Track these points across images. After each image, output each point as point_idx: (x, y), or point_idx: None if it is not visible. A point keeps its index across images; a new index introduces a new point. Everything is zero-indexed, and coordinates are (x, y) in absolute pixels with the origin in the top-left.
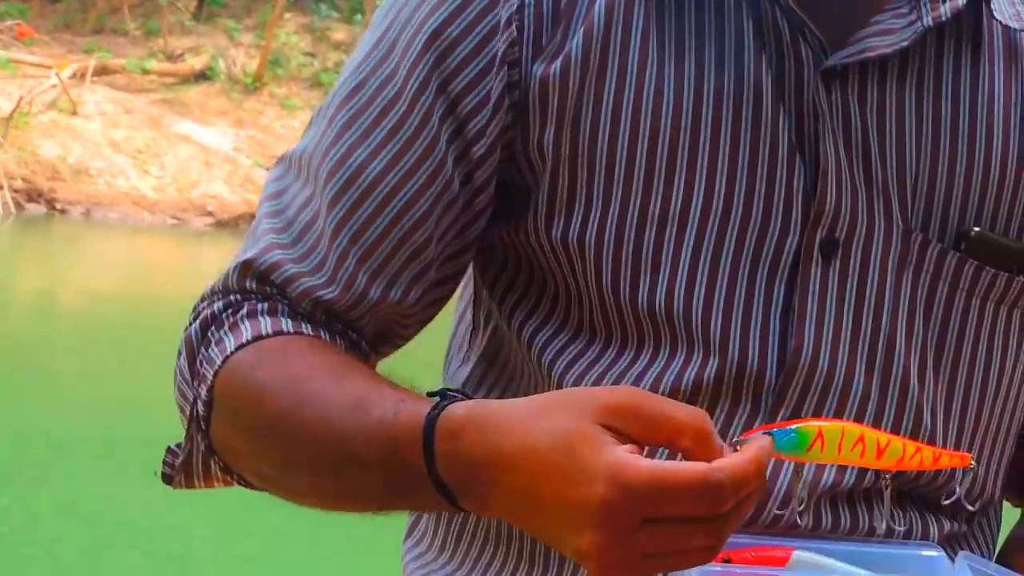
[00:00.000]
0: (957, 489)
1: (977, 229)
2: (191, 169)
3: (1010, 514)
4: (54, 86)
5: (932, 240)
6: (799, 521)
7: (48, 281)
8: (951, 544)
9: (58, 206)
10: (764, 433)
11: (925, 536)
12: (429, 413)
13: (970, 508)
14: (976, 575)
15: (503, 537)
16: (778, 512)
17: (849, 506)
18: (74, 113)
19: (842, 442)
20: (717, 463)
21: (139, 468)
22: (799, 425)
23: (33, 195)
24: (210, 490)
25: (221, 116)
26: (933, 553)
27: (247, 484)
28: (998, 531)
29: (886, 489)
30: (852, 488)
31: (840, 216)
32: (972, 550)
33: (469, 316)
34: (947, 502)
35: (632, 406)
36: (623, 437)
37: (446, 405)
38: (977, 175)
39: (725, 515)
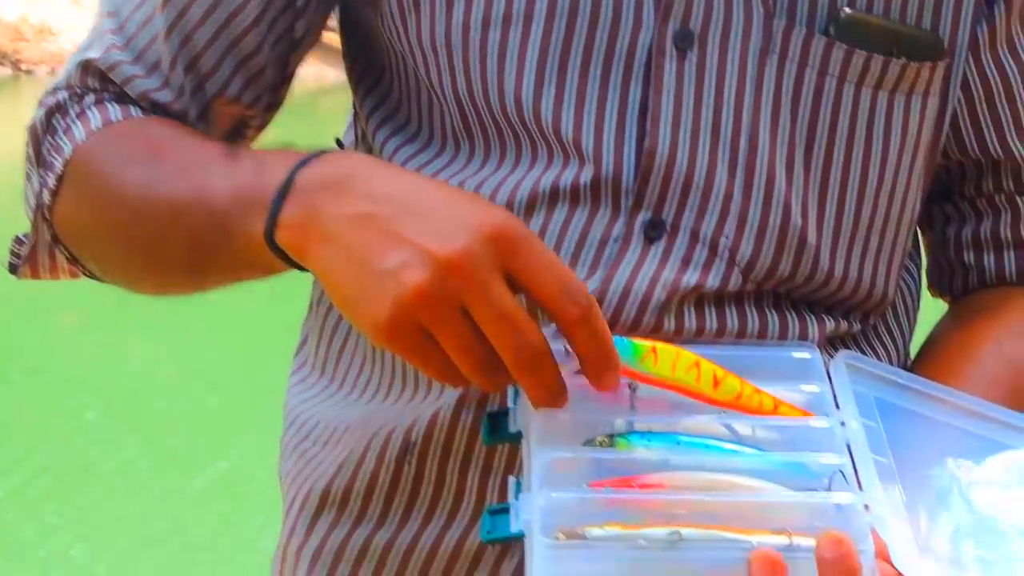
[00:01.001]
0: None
1: (848, 10)
2: None
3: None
4: None
5: (797, 26)
6: (663, 326)
7: (18, 142)
8: (840, 345)
9: (23, 67)
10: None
11: (804, 336)
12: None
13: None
14: (853, 373)
15: (379, 355)
16: (636, 318)
17: (716, 308)
18: None
19: (676, 362)
20: None
21: None
22: (638, 340)
23: None
24: None
25: None
26: (806, 355)
27: (91, 274)
28: (909, 330)
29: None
30: (718, 290)
31: (693, 5)
32: (868, 352)
33: (348, 133)
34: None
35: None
36: None
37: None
38: None
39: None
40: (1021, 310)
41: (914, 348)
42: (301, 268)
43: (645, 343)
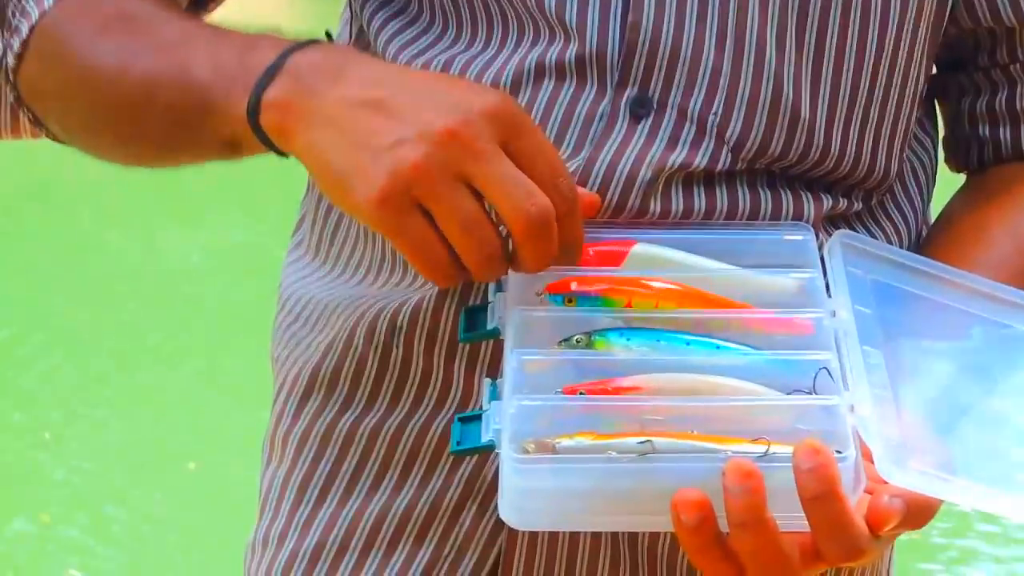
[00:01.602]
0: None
1: None
2: None
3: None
4: None
5: None
6: (649, 207)
7: None
8: (841, 225)
9: None
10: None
11: (799, 216)
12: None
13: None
14: (849, 254)
15: (372, 237)
16: (621, 199)
17: (705, 187)
18: None
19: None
20: None
21: None
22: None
23: None
24: None
25: None
26: (799, 237)
27: (54, 137)
28: (923, 208)
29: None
30: (707, 169)
31: None
32: (875, 232)
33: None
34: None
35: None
36: None
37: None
38: None
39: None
40: None
41: None
42: (278, 151)
43: (620, 298)
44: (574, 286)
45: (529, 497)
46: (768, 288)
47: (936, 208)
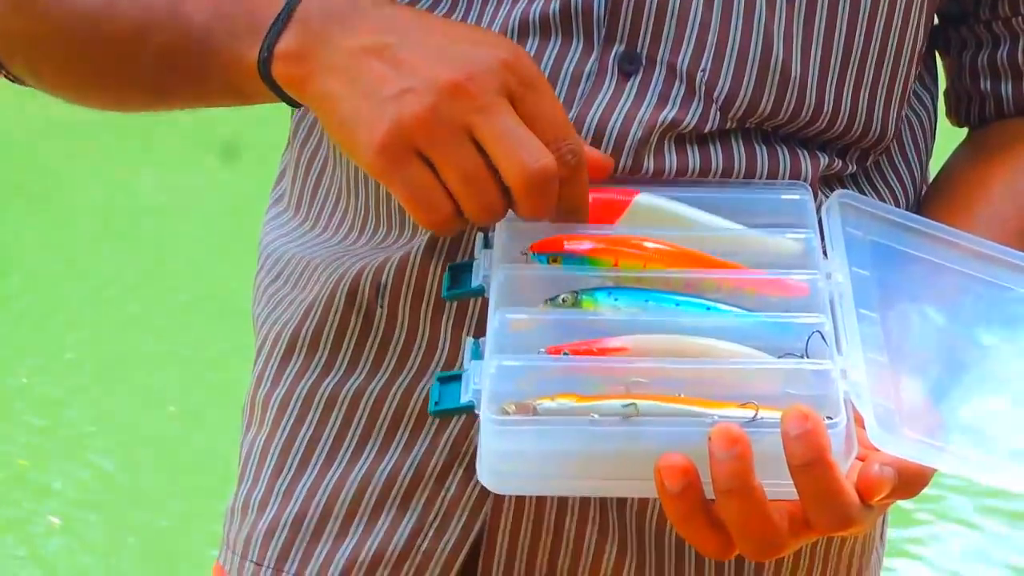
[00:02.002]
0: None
1: None
2: None
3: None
4: None
5: None
6: (642, 166)
7: None
8: (837, 185)
9: None
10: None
11: (796, 175)
12: None
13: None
14: (848, 215)
15: (355, 192)
16: (612, 158)
17: (699, 145)
18: None
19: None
20: None
21: None
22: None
23: None
24: None
25: None
26: (796, 196)
27: (17, 79)
28: (922, 168)
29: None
30: (696, 127)
31: None
32: (872, 192)
33: None
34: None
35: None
36: None
37: None
38: None
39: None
40: None
41: None
42: (290, 101)
43: (607, 259)
44: (566, 245)
45: (508, 460)
46: (763, 248)
47: (936, 163)
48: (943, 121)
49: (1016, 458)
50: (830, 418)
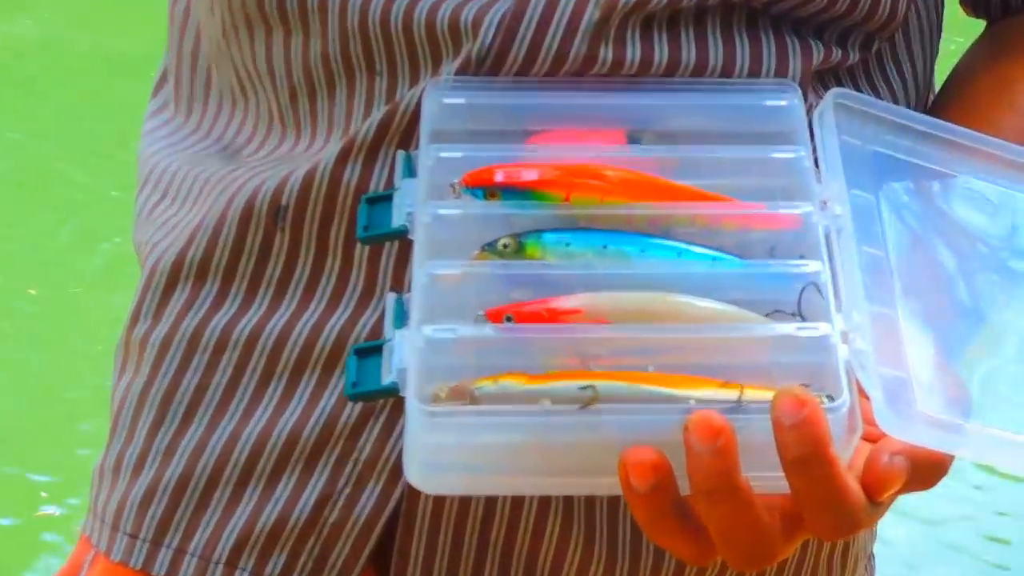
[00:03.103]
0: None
1: None
2: None
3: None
4: None
5: None
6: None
7: None
8: (832, 82)
9: None
10: None
11: (783, 71)
12: None
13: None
14: (844, 120)
15: (250, 93)
16: (563, 44)
17: (669, 32)
18: None
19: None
20: None
21: None
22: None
23: None
24: None
25: None
26: (782, 102)
27: None
28: (930, 58)
29: None
30: (669, 5)
31: None
32: (870, 90)
33: None
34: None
35: None
36: None
37: None
38: None
39: None
40: None
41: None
42: None
43: (557, 193)
44: (499, 176)
45: (441, 454)
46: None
47: (941, 73)
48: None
49: None
50: (829, 397)
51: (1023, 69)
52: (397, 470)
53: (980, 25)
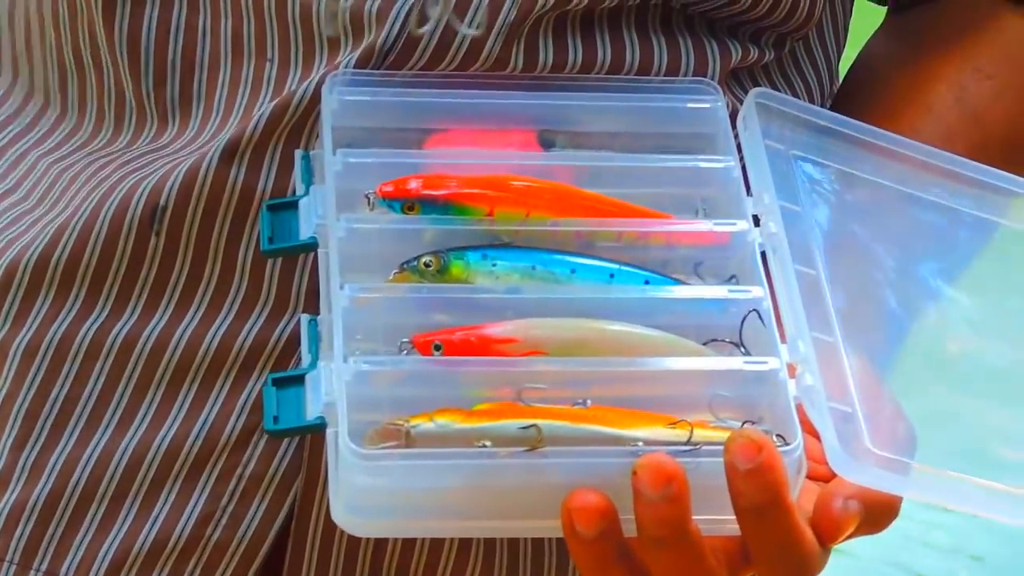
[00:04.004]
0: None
1: None
2: None
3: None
4: None
5: None
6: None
7: None
8: (747, 80)
9: None
10: None
11: (701, 71)
12: None
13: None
14: (766, 122)
15: (107, 68)
16: (475, 44)
17: (583, 32)
18: None
19: None
20: None
21: None
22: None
23: None
24: None
25: None
26: (705, 104)
27: None
28: (838, 52)
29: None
30: (587, 7)
31: None
32: (783, 88)
33: None
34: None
35: None
36: None
37: None
38: None
39: None
40: (990, 36)
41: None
42: None
43: (479, 206)
44: (413, 185)
45: (374, 497)
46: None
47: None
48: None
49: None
50: (781, 437)
51: (938, 67)
52: (285, 485)
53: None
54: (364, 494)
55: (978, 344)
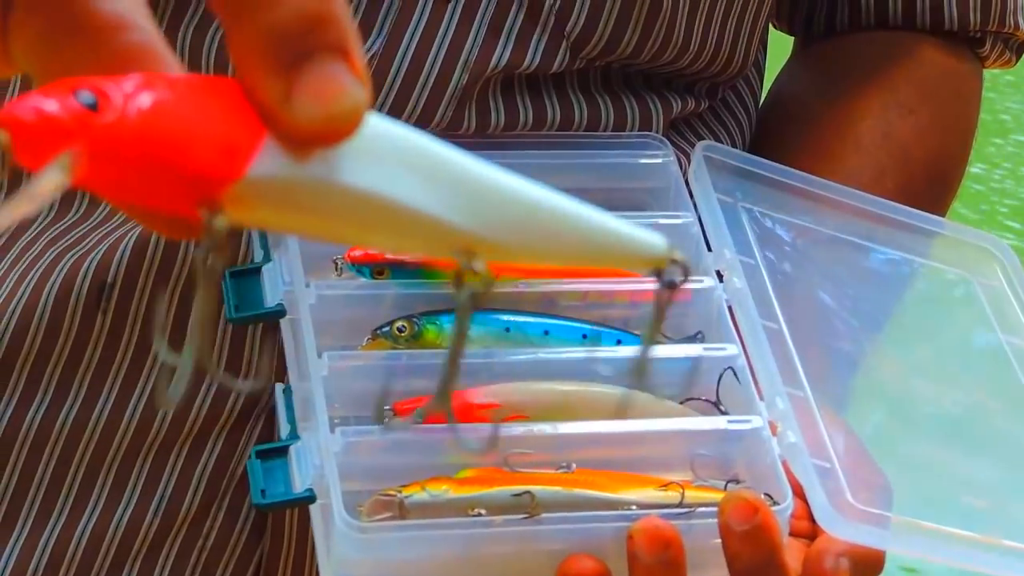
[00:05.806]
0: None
1: None
2: None
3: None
4: None
5: None
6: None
7: None
8: (684, 129)
9: None
10: None
11: (646, 125)
12: None
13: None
14: (714, 174)
15: None
16: (428, 106)
17: (531, 92)
18: None
19: None
20: None
21: None
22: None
23: None
24: None
25: None
26: (658, 159)
27: None
28: (759, 94)
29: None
30: (536, 71)
31: None
32: (717, 134)
33: None
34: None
35: None
36: None
37: None
38: None
39: None
40: (910, 70)
41: None
42: None
43: (449, 270)
44: (387, 253)
45: (368, 568)
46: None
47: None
48: None
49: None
50: (769, 496)
51: (863, 101)
52: (249, 549)
53: None
54: (358, 566)
55: (935, 391)
